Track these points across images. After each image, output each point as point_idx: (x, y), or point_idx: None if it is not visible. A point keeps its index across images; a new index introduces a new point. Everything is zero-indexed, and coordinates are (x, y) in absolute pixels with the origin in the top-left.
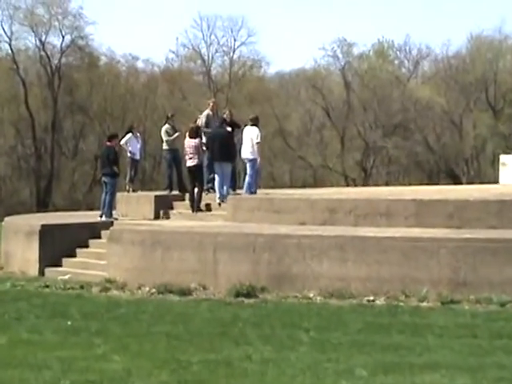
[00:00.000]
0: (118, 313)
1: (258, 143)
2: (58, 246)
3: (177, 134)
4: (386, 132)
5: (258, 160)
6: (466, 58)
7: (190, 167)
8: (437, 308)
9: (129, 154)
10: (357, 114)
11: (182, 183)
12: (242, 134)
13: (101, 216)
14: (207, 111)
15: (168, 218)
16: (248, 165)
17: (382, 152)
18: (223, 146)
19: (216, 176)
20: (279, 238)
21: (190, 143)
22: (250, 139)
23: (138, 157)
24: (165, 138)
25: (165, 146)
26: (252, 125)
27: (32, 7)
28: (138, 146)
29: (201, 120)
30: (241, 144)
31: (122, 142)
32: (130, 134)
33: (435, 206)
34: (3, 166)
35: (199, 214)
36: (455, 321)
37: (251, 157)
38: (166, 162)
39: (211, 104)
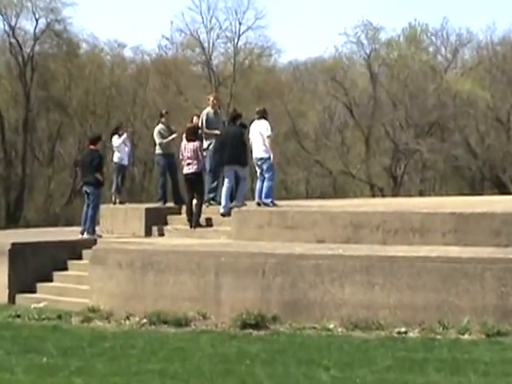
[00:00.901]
0: (103, 347)
1: (268, 137)
2: (31, 268)
3: (173, 136)
4: (420, 132)
5: (272, 157)
6: None
7: (187, 175)
8: (480, 341)
9: (116, 160)
10: (385, 112)
11: (178, 194)
12: (248, 133)
13: (82, 233)
14: (208, 109)
15: (162, 234)
16: (264, 166)
17: (415, 156)
18: (236, 147)
19: (225, 182)
20: (293, 259)
21: (187, 147)
22: (259, 134)
23: (126, 162)
24: (158, 140)
25: (158, 150)
26: (259, 118)
27: None
28: (127, 149)
29: (200, 119)
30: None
31: (116, 143)
32: (124, 136)
33: (478, 221)
34: None
35: (198, 230)
36: (502, 356)
37: (265, 155)
38: (159, 168)
39: (212, 100)
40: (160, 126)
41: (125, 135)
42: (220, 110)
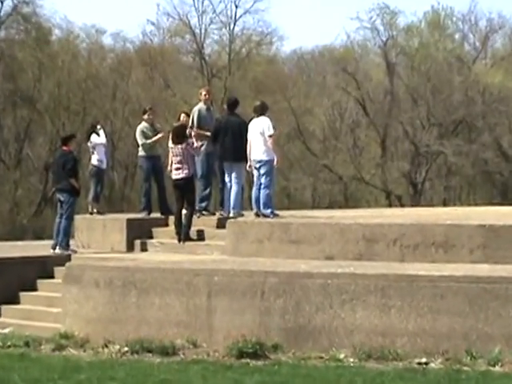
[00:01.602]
0: (77, 380)
1: (270, 136)
2: None
3: (158, 137)
4: (444, 132)
5: (276, 160)
6: None
7: (176, 181)
8: None
9: (95, 163)
10: (403, 108)
11: (165, 202)
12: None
13: (54, 247)
14: (199, 105)
15: (146, 250)
16: (262, 169)
17: (438, 160)
18: (238, 141)
19: (228, 182)
20: (297, 278)
21: (175, 150)
22: (259, 134)
23: (104, 166)
24: (140, 140)
25: (141, 152)
26: (259, 115)
27: None
28: (104, 150)
29: (191, 117)
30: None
31: (98, 141)
32: (102, 135)
33: (511, 235)
34: None
35: (188, 244)
36: None
37: (266, 157)
38: (142, 173)
39: (204, 94)
40: (143, 125)
41: (102, 135)
42: (213, 106)
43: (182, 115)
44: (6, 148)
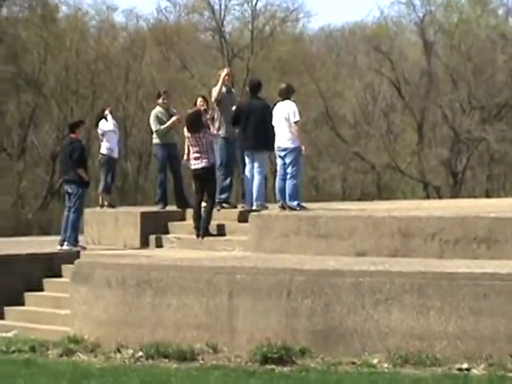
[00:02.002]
0: None
1: (296, 122)
2: None
3: (173, 120)
4: (486, 117)
5: (303, 148)
6: None
7: (195, 171)
8: None
9: (104, 151)
10: (442, 91)
11: (182, 194)
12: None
13: (61, 243)
14: (218, 87)
15: (161, 246)
16: (288, 158)
17: (480, 146)
18: (261, 127)
19: (249, 173)
20: (327, 276)
21: (192, 139)
22: (284, 119)
23: (116, 155)
24: (154, 127)
25: (155, 140)
26: (284, 99)
27: None
28: (116, 138)
29: (213, 97)
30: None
31: (105, 128)
32: (110, 120)
33: None
34: None
35: (207, 239)
36: None
37: (292, 145)
38: (157, 162)
39: (224, 75)
40: (157, 109)
41: (109, 117)
42: (234, 88)
43: (199, 99)
44: (9, 136)
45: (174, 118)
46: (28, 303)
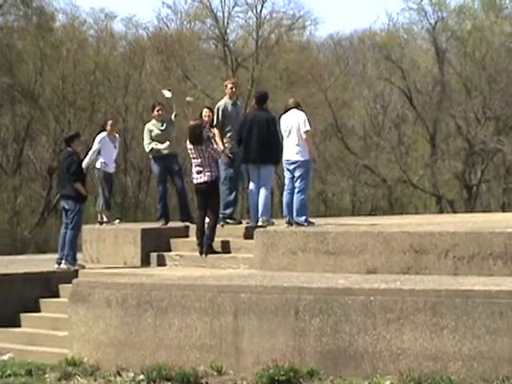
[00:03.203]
0: None
1: (306, 132)
2: None
3: (163, 146)
4: (502, 127)
5: (315, 159)
6: None
7: (197, 185)
8: None
9: (98, 165)
10: (455, 100)
11: (186, 207)
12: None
13: (59, 262)
14: (224, 100)
15: (163, 264)
16: (297, 172)
17: (496, 158)
18: (265, 140)
19: (253, 187)
20: (336, 295)
21: (195, 150)
22: (295, 129)
23: (111, 169)
24: (145, 144)
25: (153, 153)
26: (292, 108)
27: None
28: (115, 152)
29: (216, 112)
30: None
31: (95, 145)
32: (103, 134)
33: None
34: None
35: (211, 257)
36: None
37: (301, 158)
38: (155, 176)
39: (230, 87)
40: (150, 123)
41: (103, 134)
42: (239, 100)
43: (205, 111)
44: (4, 150)
45: (162, 146)
46: (24, 324)
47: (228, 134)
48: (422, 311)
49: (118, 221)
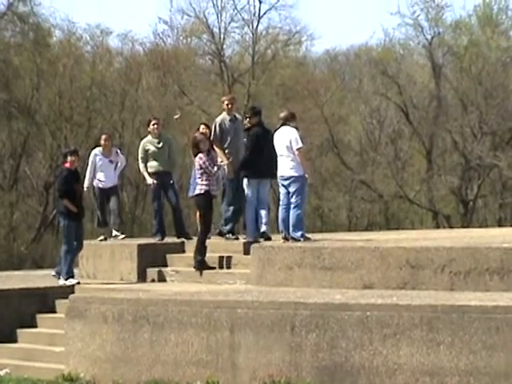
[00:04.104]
0: None
1: (299, 149)
2: None
3: (147, 181)
4: (498, 142)
5: (307, 176)
6: None
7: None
8: None
9: (94, 182)
10: (452, 116)
11: (180, 224)
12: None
13: (57, 276)
14: (222, 116)
15: (160, 279)
16: (292, 187)
17: (492, 173)
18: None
19: (254, 202)
20: (332, 310)
21: (195, 162)
22: (285, 147)
23: (109, 184)
24: (141, 162)
25: (148, 168)
26: (284, 124)
27: None
28: (113, 167)
29: (213, 128)
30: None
31: (89, 163)
32: (95, 150)
33: None
34: None
35: (207, 272)
36: None
37: (295, 173)
38: (151, 192)
39: (227, 103)
40: (146, 140)
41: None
42: (239, 116)
43: (202, 127)
44: (1, 166)
45: (149, 181)
46: (21, 340)
47: (226, 150)
48: (419, 326)
49: (122, 236)
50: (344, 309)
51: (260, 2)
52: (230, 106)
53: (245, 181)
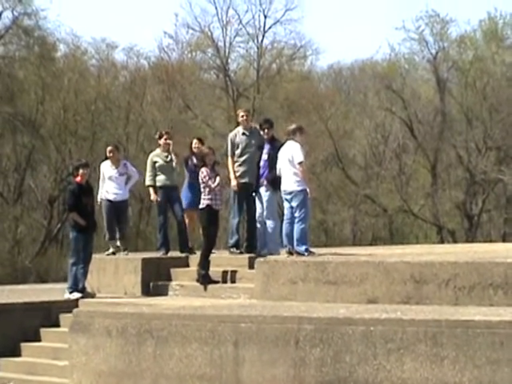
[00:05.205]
0: None
1: (300, 163)
2: None
3: (152, 197)
4: (503, 157)
5: (308, 190)
6: None
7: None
8: None
9: (103, 196)
10: (456, 130)
11: (185, 239)
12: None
13: (71, 291)
14: (236, 129)
15: (163, 293)
16: (295, 201)
17: (497, 188)
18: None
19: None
20: (336, 325)
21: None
22: (288, 161)
23: (119, 197)
24: (148, 175)
25: (151, 182)
26: (289, 138)
27: None
28: (122, 179)
29: (227, 142)
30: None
31: (101, 177)
32: (104, 163)
33: None
34: None
35: (211, 287)
36: None
37: (298, 187)
38: (156, 206)
39: (242, 114)
40: (155, 153)
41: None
42: (255, 128)
43: (194, 142)
44: (5, 179)
45: (152, 197)
46: (24, 354)
47: (237, 164)
48: (423, 341)
49: (125, 252)
50: (348, 323)
51: (265, 17)
52: (244, 117)
53: (279, 196)
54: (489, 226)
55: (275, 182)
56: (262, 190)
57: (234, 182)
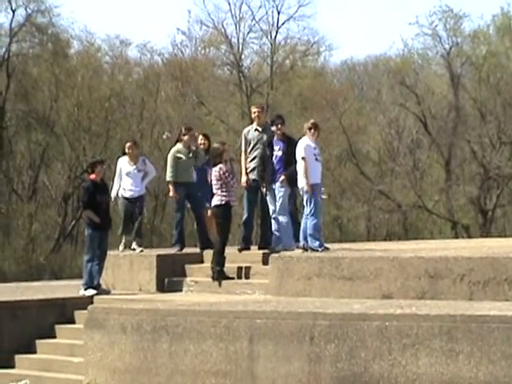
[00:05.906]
0: None
1: (302, 159)
2: (7, 336)
3: (171, 193)
4: None
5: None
6: None
7: (213, 208)
8: None
9: (118, 192)
10: (470, 125)
11: (205, 236)
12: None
13: (86, 288)
14: (250, 126)
15: (179, 290)
16: (304, 197)
17: (511, 183)
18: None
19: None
20: (351, 320)
21: (213, 172)
22: (299, 157)
23: (135, 194)
24: (168, 169)
25: (176, 178)
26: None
27: None
28: (140, 175)
29: (243, 138)
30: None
31: (117, 173)
32: (121, 159)
33: None
34: None
35: (226, 282)
36: None
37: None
38: (175, 202)
39: (254, 110)
40: (177, 148)
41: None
42: (267, 125)
43: (200, 138)
44: (20, 177)
45: (171, 193)
46: (40, 351)
47: (248, 159)
48: (438, 336)
49: (140, 249)
50: (363, 319)
51: (278, 13)
52: (256, 114)
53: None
54: (503, 220)
55: (291, 179)
56: (277, 185)
57: (244, 178)
